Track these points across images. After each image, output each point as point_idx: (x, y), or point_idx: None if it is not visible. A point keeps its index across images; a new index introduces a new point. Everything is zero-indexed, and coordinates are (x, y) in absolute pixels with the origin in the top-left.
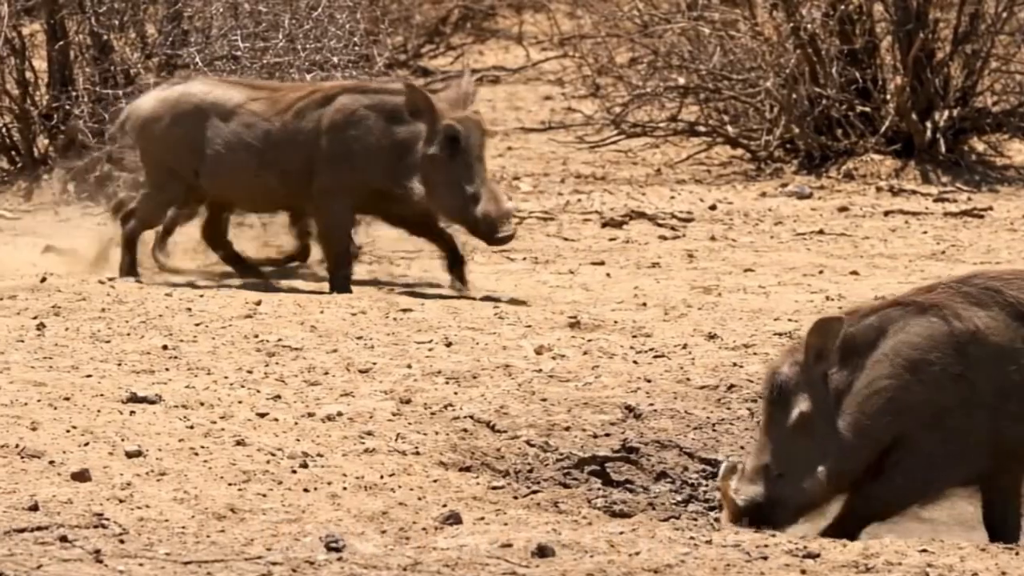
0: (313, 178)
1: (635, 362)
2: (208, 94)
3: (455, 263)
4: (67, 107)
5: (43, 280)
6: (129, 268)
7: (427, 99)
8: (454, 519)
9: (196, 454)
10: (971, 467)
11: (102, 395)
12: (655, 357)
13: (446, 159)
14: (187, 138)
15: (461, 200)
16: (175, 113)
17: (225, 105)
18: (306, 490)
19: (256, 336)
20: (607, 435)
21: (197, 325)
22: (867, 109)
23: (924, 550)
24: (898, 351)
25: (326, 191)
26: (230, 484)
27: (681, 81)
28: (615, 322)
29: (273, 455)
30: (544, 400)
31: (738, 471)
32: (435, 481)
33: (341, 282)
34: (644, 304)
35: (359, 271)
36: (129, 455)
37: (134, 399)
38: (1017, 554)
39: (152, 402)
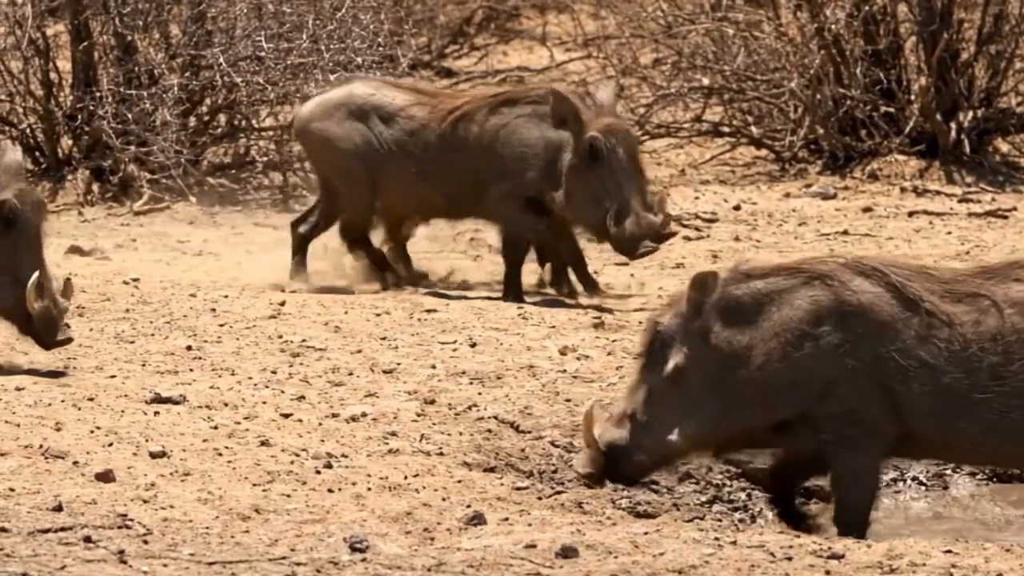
0: (478, 189)
1: None
2: (371, 96)
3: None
4: (91, 108)
5: (67, 280)
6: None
7: (573, 107)
8: (478, 520)
9: (220, 455)
10: (885, 438)
11: (126, 396)
12: None
13: (586, 170)
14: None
15: (599, 214)
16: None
17: (387, 108)
18: (330, 491)
19: (280, 337)
20: None
21: (221, 326)
22: (891, 110)
23: (948, 551)
24: (786, 323)
25: (500, 199)
26: (254, 485)
27: (705, 82)
28: (639, 323)
29: (297, 456)
30: (568, 401)
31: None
32: (459, 482)
33: (516, 289)
34: None
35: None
36: (153, 456)
37: (158, 400)
38: None
39: (176, 403)
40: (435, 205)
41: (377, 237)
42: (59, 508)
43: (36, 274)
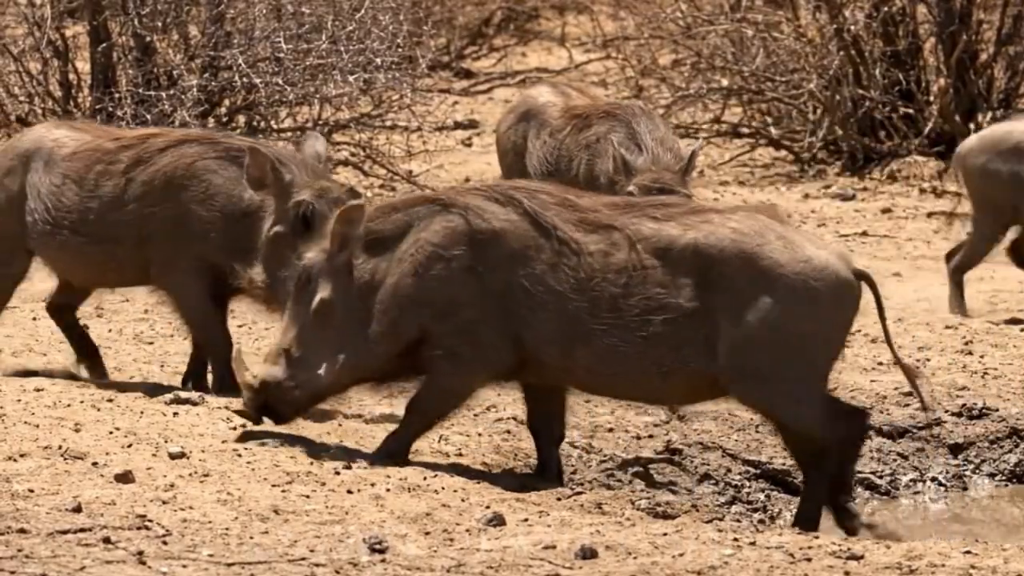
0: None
1: None
2: None
3: None
4: (110, 109)
5: None
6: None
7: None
8: (497, 520)
9: (239, 455)
10: (495, 363)
11: (145, 397)
12: None
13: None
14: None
15: None
16: (996, 151)
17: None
18: (349, 491)
19: None
20: (651, 436)
21: (240, 327)
22: (910, 111)
23: (968, 551)
24: (420, 247)
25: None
26: (273, 485)
27: (724, 83)
28: None
29: (316, 456)
30: (588, 402)
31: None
32: (478, 482)
33: None
34: None
35: None
36: (172, 456)
37: (177, 400)
38: None
39: (195, 403)
40: None
41: None
42: (78, 509)
43: None
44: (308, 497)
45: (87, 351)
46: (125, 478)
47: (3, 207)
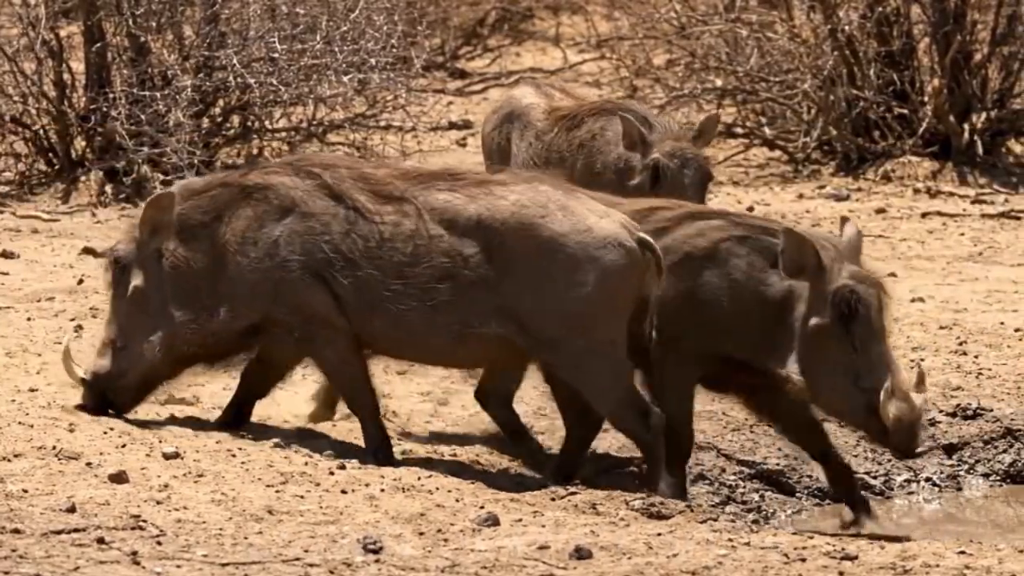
0: None
1: None
2: None
3: None
4: (104, 109)
5: (80, 282)
6: None
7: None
8: (492, 521)
9: (234, 456)
10: (342, 330)
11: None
12: None
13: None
14: None
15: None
16: None
17: None
18: (344, 492)
19: None
20: None
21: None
22: (904, 111)
23: (962, 552)
24: (234, 233)
25: None
26: (268, 486)
27: (718, 83)
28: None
29: (310, 457)
30: None
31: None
32: (472, 483)
33: None
34: None
35: None
36: (167, 457)
37: (171, 401)
38: None
39: (190, 404)
40: None
41: None
42: (72, 509)
43: (889, 378)
44: (302, 497)
45: None
46: (119, 478)
47: None
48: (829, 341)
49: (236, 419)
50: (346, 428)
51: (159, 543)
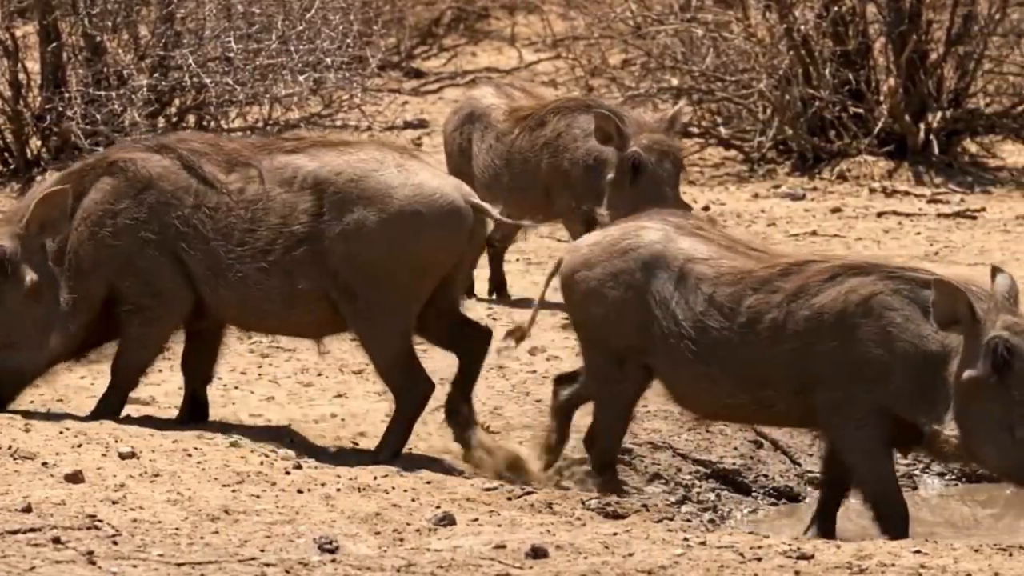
0: None
1: None
2: None
3: None
4: (60, 109)
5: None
6: None
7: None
8: (448, 520)
9: (190, 455)
10: (179, 307)
11: (95, 396)
12: None
13: None
14: None
15: None
16: None
17: None
18: (300, 491)
19: (249, 337)
20: None
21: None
22: (860, 110)
23: (918, 551)
24: (89, 211)
25: None
26: (224, 485)
27: (674, 82)
28: None
29: (267, 456)
30: (538, 401)
31: None
32: (429, 482)
33: None
34: None
35: None
36: (123, 456)
37: (128, 400)
38: (1011, 555)
39: (146, 403)
40: None
41: None
42: (28, 509)
43: None
44: (258, 497)
45: None
46: (75, 478)
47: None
48: (984, 394)
49: (194, 411)
50: (302, 427)
51: (115, 543)
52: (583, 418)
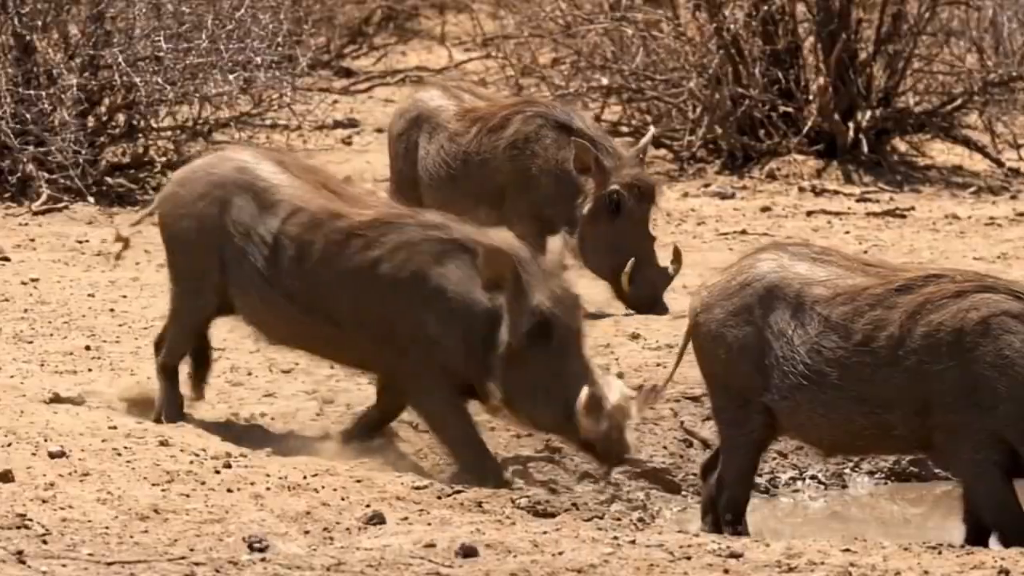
0: None
1: None
2: None
3: None
4: None
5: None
6: None
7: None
8: (378, 519)
9: (119, 454)
10: None
11: (25, 396)
12: None
13: None
14: None
15: None
16: None
17: None
18: (229, 490)
19: None
20: (530, 435)
21: (120, 326)
22: (790, 109)
23: (847, 549)
24: None
25: None
26: (154, 484)
27: (604, 81)
28: None
29: (197, 455)
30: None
31: None
32: (359, 481)
33: None
34: None
35: None
36: (52, 456)
37: (57, 399)
38: (940, 553)
39: (75, 403)
40: None
41: None
42: None
43: None
44: (188, 496)
45: None
46: (4, 477)
47: None
48: None
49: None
50: (232, 426)
51: (44, 542)
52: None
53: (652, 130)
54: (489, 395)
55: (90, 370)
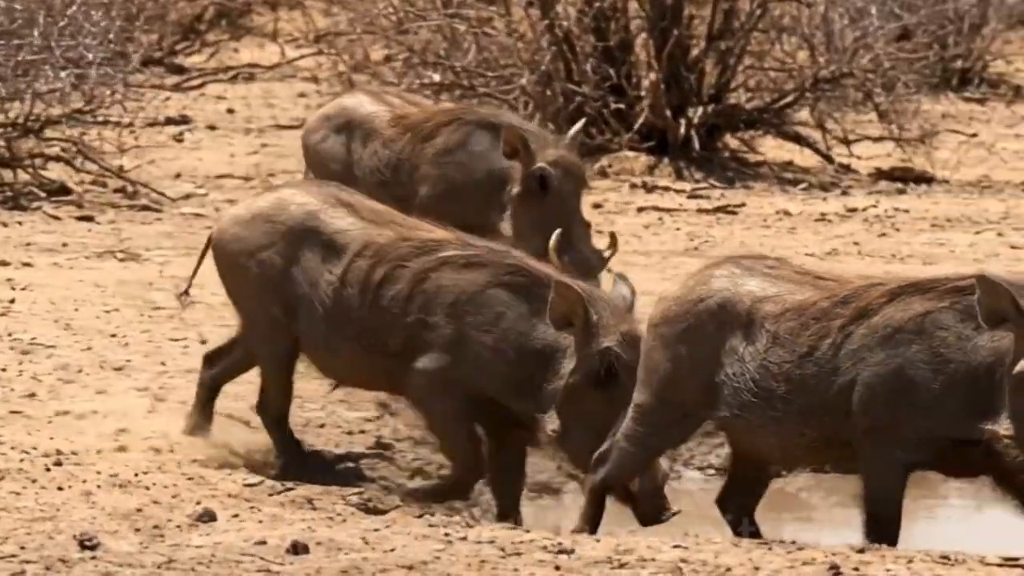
0: None
1: None
2: None
3: None
4: None
5: None
6: None
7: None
8: (209, 516)
9: None
10: None
11: None
12: None
13: None
14: None
15: None
16: None
17: None
18: (60, 488)
19: (10, 334)
20: (362, 432)
21: None
22: (621, 106)
23: (678, 545)
24: None
25: None
26: None
27: (436, 78)
28: None
29: (27, 453)
30: (299, 397)
31: None
32: (190, 479)
33: None
34: None
35: None
36: None
37: None
38: (770, 549)
39: None
40: None
41: None
42: None
43: None
44: (18, 494)
45: None
46: None
47: None
48: None
49: None
50: (63, 424)
51: None
52: None
53: (582, 121)
54: (540, 427)
55: None
